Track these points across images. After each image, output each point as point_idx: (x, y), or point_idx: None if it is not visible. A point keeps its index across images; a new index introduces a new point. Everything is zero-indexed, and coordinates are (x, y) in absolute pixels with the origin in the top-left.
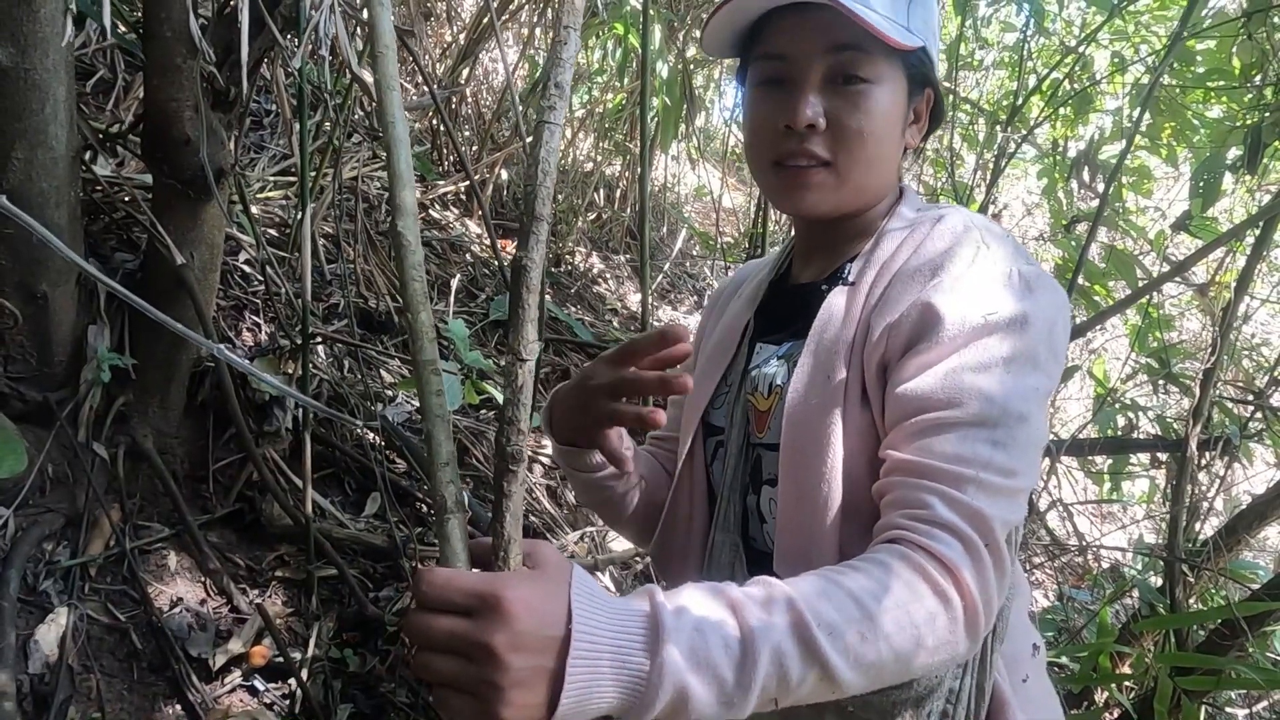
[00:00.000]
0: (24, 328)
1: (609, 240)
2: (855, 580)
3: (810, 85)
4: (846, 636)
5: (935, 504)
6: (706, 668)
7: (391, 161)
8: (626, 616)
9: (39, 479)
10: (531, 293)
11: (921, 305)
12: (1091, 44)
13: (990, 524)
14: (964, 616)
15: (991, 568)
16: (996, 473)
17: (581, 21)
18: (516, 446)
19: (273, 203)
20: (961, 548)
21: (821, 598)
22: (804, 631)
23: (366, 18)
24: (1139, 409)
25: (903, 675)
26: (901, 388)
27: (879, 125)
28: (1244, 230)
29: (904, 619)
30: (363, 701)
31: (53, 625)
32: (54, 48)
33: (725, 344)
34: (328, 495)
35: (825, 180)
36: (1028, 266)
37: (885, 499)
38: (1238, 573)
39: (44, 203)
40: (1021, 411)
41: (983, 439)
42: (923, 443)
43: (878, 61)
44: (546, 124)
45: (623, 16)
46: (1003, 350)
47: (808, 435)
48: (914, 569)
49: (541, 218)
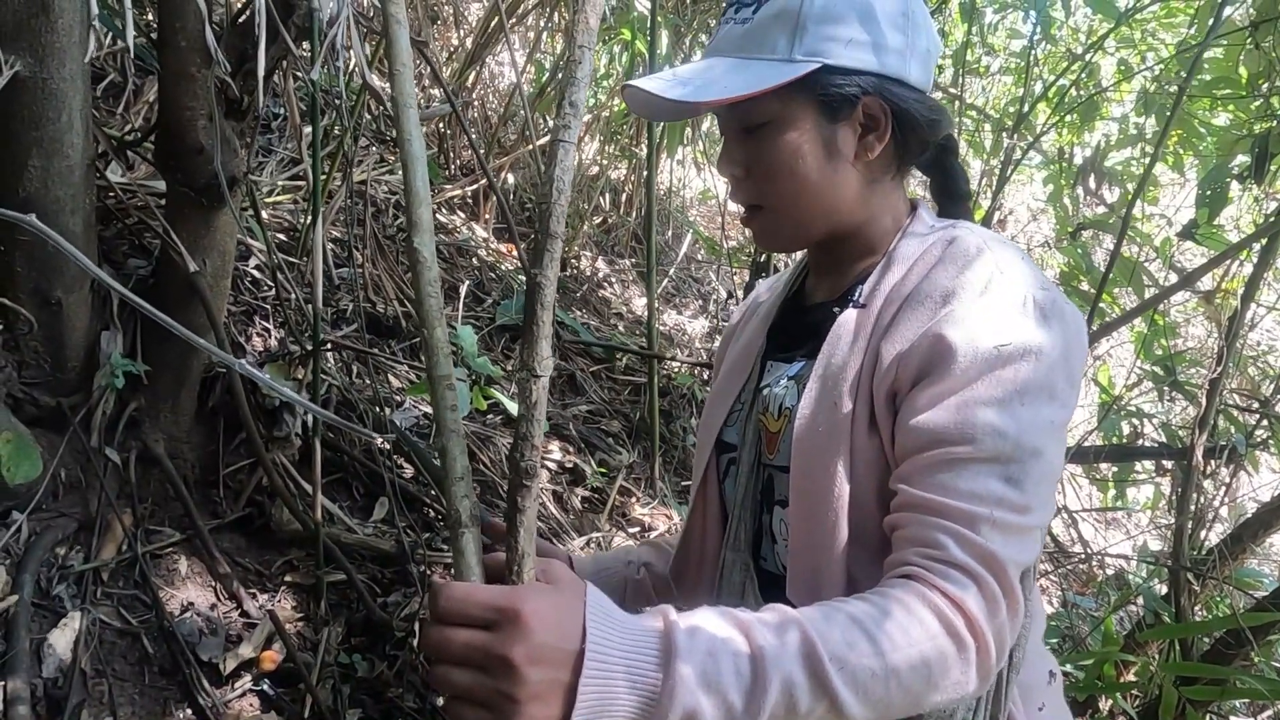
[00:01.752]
0: (38, 334)
1: (614, 245)
2: (869, 615)
3: (730, 140)
4: (857, 671)
5: (949, 544)
6: (717, 691)
7: (408, 178)
8: (640, 633)
9: (52, 484)
10: (545, 309)
11: (933, 336)
12: (1098, 51)
13: (1004, 566)
14: (976, 658)
15: (1005, 609)
16: (1010, 510)
17: (596, 41)
18: (530, 462)
19: (282, 207)
20: (976, 589)
21: (834, 630)
22: (815, 663)
23: (381, 32)
24: (1144, 416)
25: (911, 712)
26: (913, 421)
27: (786, 162)
28: (1252, 242)
29: (915, 658)
30: (371, 706)
31: (66, 629)
32: (71, 58)
33: (741, 364)
34: (337, 500)
35: (765, 223)
36: (1042, 292)
37: (898, 533)
38: (1243, 581)
39: (59, 210)
40: (1035, 446)
41: (996, 475)
42: (935, 479)
43: (766, 105)
44: (561, 143)
45: (630, 21)
46: (1016, 382)
47: (816, 461)
48: (929, 608)
49: (556, 235)
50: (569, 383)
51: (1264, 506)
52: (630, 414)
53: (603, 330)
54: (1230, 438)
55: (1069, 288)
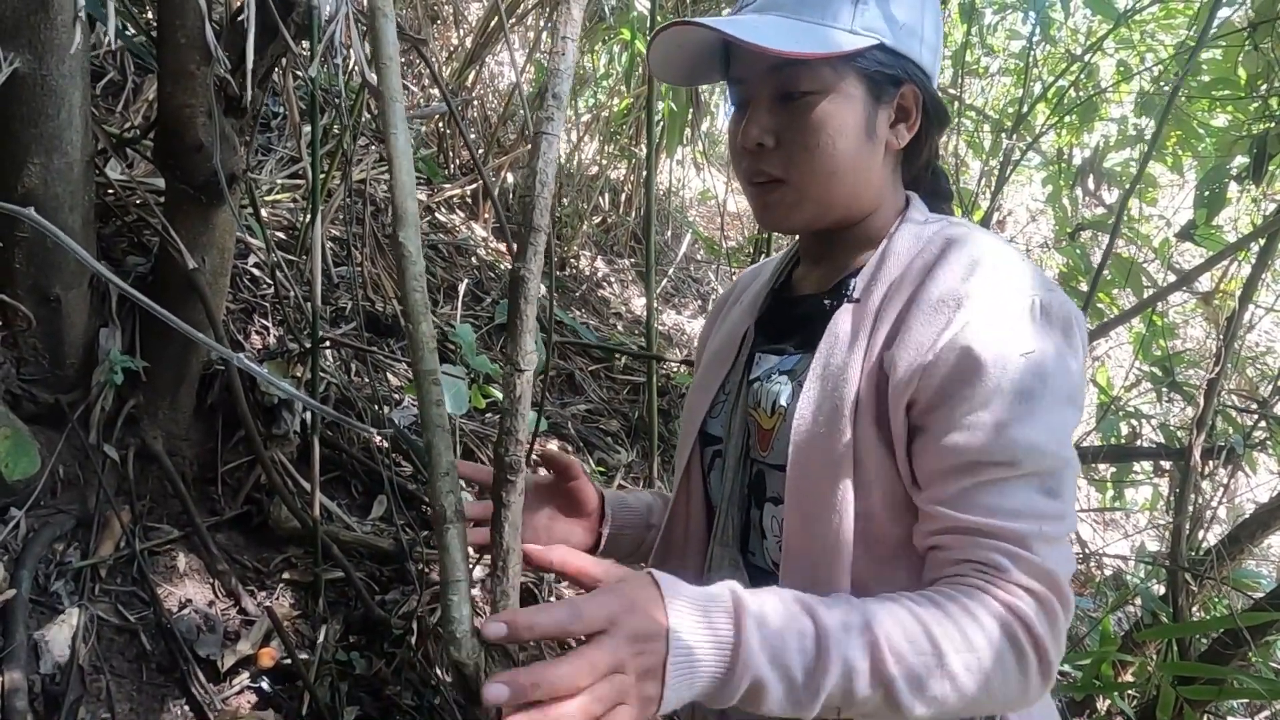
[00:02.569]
0: (37, 330)
1: (614, 244)
2: (932, 616)
3: (760, 106)
4: (915, 667)
5: (1008, 565)
6: (782, 664)
7: (394, 172)
8: (710, 600)
9: (50, 480)
10: (529, 304)
11: (959, 350)
12: (1097, 52)
13: (1058, 579)
14: (1038, 668)
15: (1062, 619)
16: (1053, 521)
17: (579, 32)
18: (515, 456)
19: (280, 205)
20: (1037, 605)
21: (897, 625)
22: (876, 652)
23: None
24: (1142, 417)
25: (967, 713)
26: (948, 441)
27: (830, 137)
28: (1250, 241)
29: (974, 663)
30: (369, 704)
31: (64, 626)
32: (70, 54)
33: (725, 352)
34: (335, 498)
35: (784, 197)
36: (1048, 294)
37: (945, 554)
38: (1241, 581)
39: (58, 207)
40: (1067, 455)
41: (1036, 490)
42: (980, 502)
43: (819, 73)
44: (544, 135)
45: (629, 21)
46: (1044, 393)
47: (817, 463)
48: (994, 617)
49: (539, 229)
50: (568, 382)
51: (1262, 507)
52: (629, 413)
53: (602, 330)
54: (1228, 438)
55: (1068, 288)
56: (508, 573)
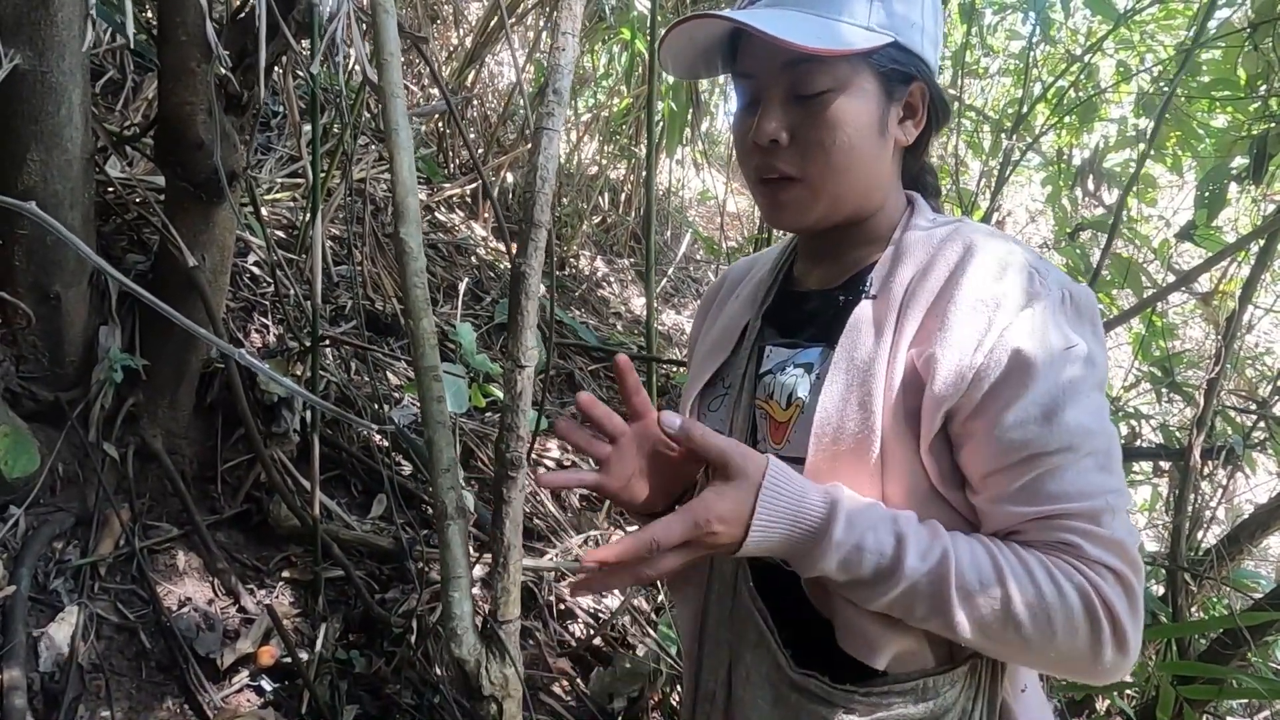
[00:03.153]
0: (36, 328)
1: (613, 244)
2: (1009, 564)
3: (773, 102)
4: (980, 607)
5: (1080, 543)
6: (856, 567)
7: (395, 168)
8: (806, 489)
9: (50, 478)
10: (530, 299)
11: (1010, 351)
12: (1097, 53)
13: (1129, 550)
14: (1113, 642)
15: (1139, 592)
16: (1114, 494)
17: (579, 28)
18: (516, 453)
19: (280, 204)
20: (1116, 581)
21: (972, 565)
22: (941, 586)
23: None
24: (1142, 417)
25: (1037, 665)
26: (1006, 439)
27: (845, 134)
28: (1250, 241)
29: (1042, 616)
30: (368, 702)
31: (63, 624)
32: (71, 51)
33: (722, 344)
34: (335, 497)
35: (799, 195)
36: (1073, 286)
37: (1019, 537)
38: (1240, 582)
39: (58, 204)
40: (1111, 431)
41: (1094, 468)
42: (1045, 491)
43: (836, 69)
44: (545, 130)
45: (629, 21)
46: (1085, 380)
47: (840, 457)
48: (1069, 580)
49: (540, 224)
50: (567, 381)
51: (1261, 507)
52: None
53: (601, 330)
54: (1228, 439)
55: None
56: (509, 569)
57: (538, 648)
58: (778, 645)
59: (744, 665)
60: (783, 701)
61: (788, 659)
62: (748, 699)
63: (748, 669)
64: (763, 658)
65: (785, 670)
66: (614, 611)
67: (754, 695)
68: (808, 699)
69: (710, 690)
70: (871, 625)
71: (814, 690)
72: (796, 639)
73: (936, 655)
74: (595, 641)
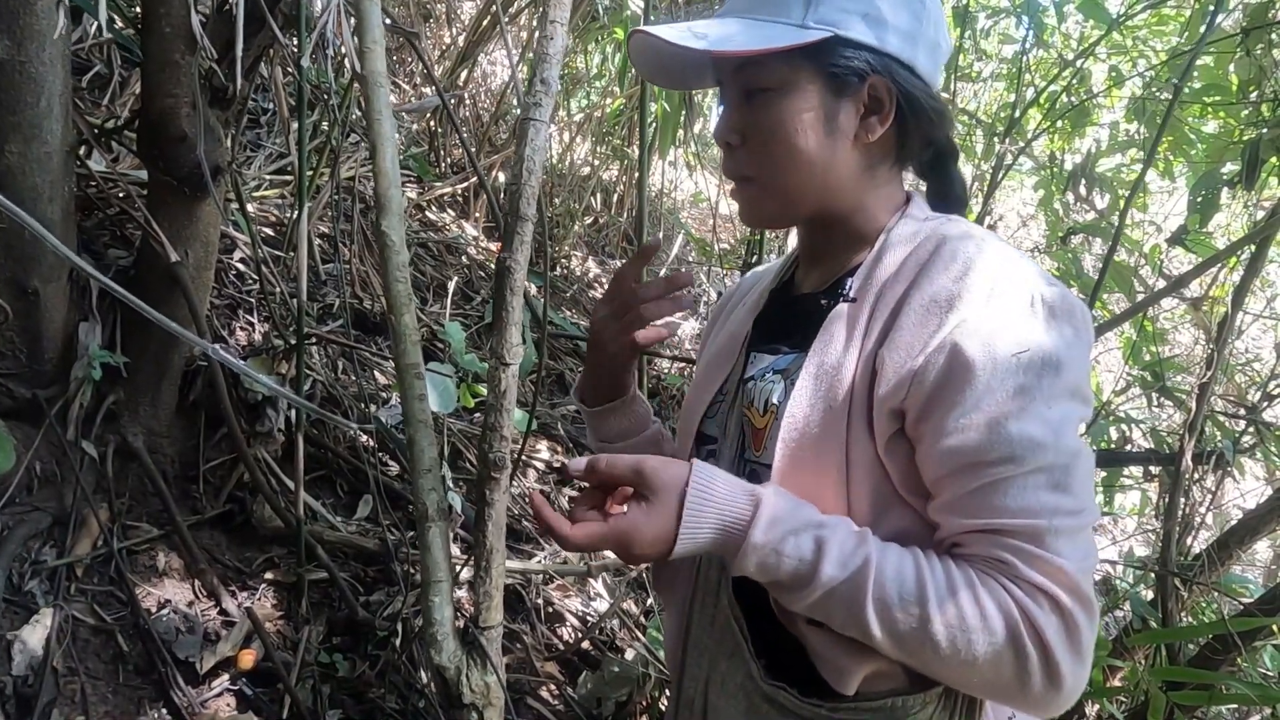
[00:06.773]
0: (14, 324)
1: (605, 245)
2: (933, 580)
3: (731, 105)
4: (897, 622)
5: (1015, 562)
6: (774, 570)
7: (377, 159)
8: (735, 492)
9: (26, 477)
10: (515, 295)
11: (949, 350)
12: (1089, 58)
13: (1070, 576)
14: (1042, 673)
15: (1079, 622)
16: (1066, 515)
17: (569, 16)
18: (499, 453)
19: (268, 201)
20: (1051, 606)
21: (893, 580)
22: (857, 596)
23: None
24: (1132, 422)
25: (957, 685)
26: (945, 445)
27: (788, 130)
28: (1241, 247)
29: (961, 639)
30: (351, 707)
31: (38, 626)
32: (50, 41)
33: (725, 353)
34: (319, 497)
35: (754, 194)
36: (1050, 288)
37: (961, 550)
38: (1229, 587)
39: (37, 197)
40: (1072, 448)
41: (1044, 486)
42: (986, 504)
43: (777, 69)
44: (531, 121)
45: (623, 21)
46: (1040, 389)
47: (806, 463)
48: (995, 603)
49: (526, 217)
50: (558, 382)
51: (1250, 513)
52: None
53: None
54: (1218, 444)
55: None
56: (490, 573)
57: (525, 651)
58: (751, 654)
59: (720, 673)
60: (755, 711)
61: (760, 669)
62: (723, 707)
63: (723, 677)
64: (738, 666)
65: (757, 680)
66: (602, 615)
67: (728, 703)
68: (778, 711)
69: (690, 697)
70: (841, 653)
71: (783, 702)
72: (773, 649)
73: (910, 675)
74: (583, 645)
